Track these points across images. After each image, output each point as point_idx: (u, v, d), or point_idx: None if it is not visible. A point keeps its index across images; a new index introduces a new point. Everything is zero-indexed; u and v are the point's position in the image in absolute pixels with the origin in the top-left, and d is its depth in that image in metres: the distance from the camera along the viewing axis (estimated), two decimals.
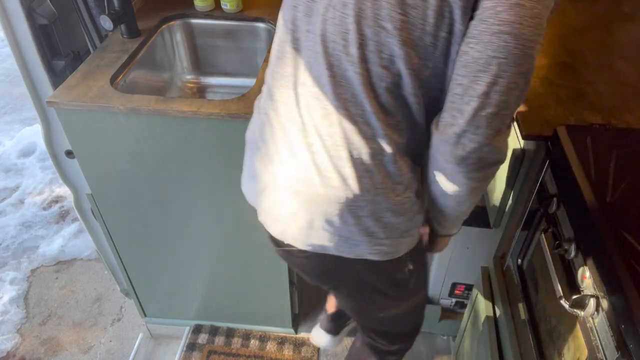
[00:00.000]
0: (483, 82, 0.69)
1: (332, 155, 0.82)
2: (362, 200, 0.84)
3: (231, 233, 1.44)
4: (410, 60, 0.73)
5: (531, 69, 0.72)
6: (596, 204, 0.81)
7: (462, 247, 1.50)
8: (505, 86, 0.70)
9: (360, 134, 0.80)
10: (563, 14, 1.47)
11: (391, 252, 0.92)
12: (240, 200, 1.37)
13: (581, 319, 0.81)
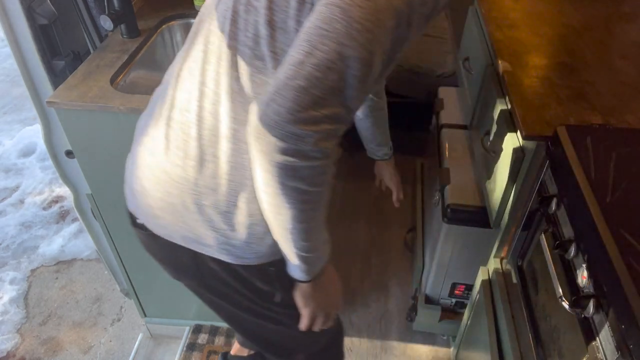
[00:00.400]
0: (302, 50, 0.64)
1: (184, 132, 0.79)
2: (204, 187, 0.79)
3: None
4: (273, 42, 0.72)
5: (355, 59, 0.63)
6: (596, 204, 0.81)
7: (462, 247, 1.50)
8: (322, 61, 0.62)
9: (213, 115, 0.77)
10: (563, 14, 1.47)
11: (245, 258, 0.85)
12: None
13: (581, 319, 0.81)
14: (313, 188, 0.69)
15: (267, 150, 0.65)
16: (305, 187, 0.68)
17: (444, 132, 1.70)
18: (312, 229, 0.75)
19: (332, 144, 0.67)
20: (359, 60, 0.63)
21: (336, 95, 0.64)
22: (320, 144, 0.65)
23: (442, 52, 2.50)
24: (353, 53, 0.62)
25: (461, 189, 1.47)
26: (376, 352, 1.77)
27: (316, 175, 0.68)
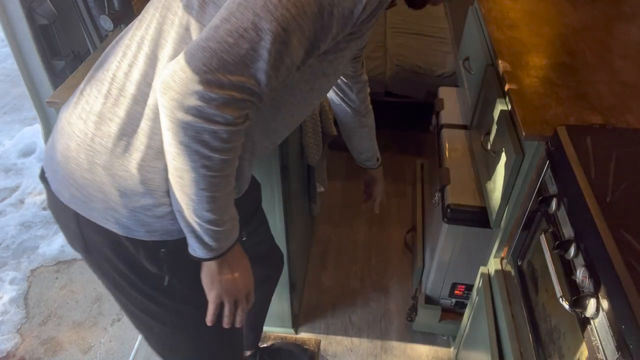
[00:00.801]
0: (220, 16, 0.66)
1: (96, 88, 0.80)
2: (100, 145, 0.78)
3: None
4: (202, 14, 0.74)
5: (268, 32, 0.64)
6: (596, 204, 0.81)
7: (462, 247, 1.50)
8: (235, 28, 0.64)
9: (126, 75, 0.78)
10: (563, 14, 1.47)
11: (132, 229, 0.81)
12: None
13: (581, 319, 0.81)
14: (214, 154, 0.69)
15: (170, 107, 0.66)
16: (206, 151, 0.68)
17: (444, 132, 1.70)
18: (216, 199, 0.74)
19: (237, 112, 0.67)
20: (272, 33, 0.64)
21: (246, 64, 0.65)
22: (223, 108, 0.66)
23: (442, 52, 2.50)
24: (267, 25, 0.64)
25: (461, 189, 1.47)
26: (376, 352, 1.77)
27: (218, 140, 0.68)
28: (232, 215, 0.80)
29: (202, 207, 0.74)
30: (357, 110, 1.29)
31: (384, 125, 2.73)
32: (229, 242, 0.81)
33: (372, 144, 1.39)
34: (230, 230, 0.81)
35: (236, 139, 0.70)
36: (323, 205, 2.28)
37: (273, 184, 1.31)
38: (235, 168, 0.76)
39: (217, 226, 0.77)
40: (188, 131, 0.67)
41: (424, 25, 2.73)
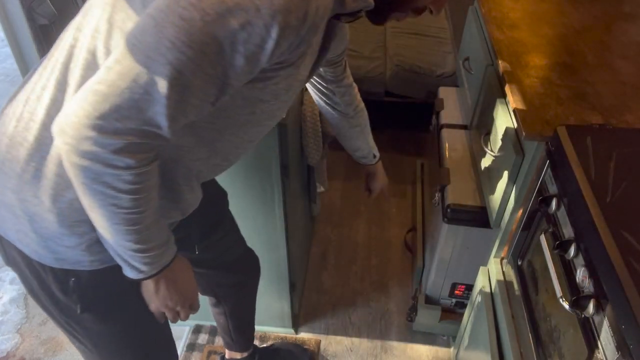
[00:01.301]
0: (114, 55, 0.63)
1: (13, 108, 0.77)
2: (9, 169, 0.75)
3: None
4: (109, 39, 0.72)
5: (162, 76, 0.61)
6: (596, 204, 0.81)
7: (462, 247, 1.50)
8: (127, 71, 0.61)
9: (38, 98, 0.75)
10: (563, 14, 1.47)
11: (41, 255, 0.79)
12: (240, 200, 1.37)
13: (581, 319, 0.81)
14: (122, 194, 0.67)
15: (65, 150, 0.64)
16: (111, 192, 0.66)
17: (444, 132, 1.70)
18: (136, 232, 0.72)
19: (139, 155, 0.65)
20: (167, 78, 0.61)
21: (141, 109, 0.62)
22: (121, 153, 0.63)
23: (442, 52, 2.50)
24: (160, 69, 0.60)
25: (461, 189, 1.47)
26: (376, 352, 1.77)
27: (122, 182, 0.66)
28: (162, 240, 0.78)
29: (122, 238, 0.72)
30: (344, 112, 1.27)
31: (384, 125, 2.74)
32: (161, 263, 0.79)
33: (366, 142, 1.36)
34: (161, 253, 0.78)
35: (144, 179, 0.68)
36: (323, 205, 2.28)
37: (273, 184, 1.31)
38: (155, 201, 0.73)
39: (144, 252, 0.75)
40: (87, 174, 0.65)
41: (424, 25, 2.73)
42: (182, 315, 0.91)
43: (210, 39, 0.60)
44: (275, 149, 1.24)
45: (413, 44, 2.56)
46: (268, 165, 1.27)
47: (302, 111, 1.45)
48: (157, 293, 0.84)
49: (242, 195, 1.34)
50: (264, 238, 1.45)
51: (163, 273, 0.81)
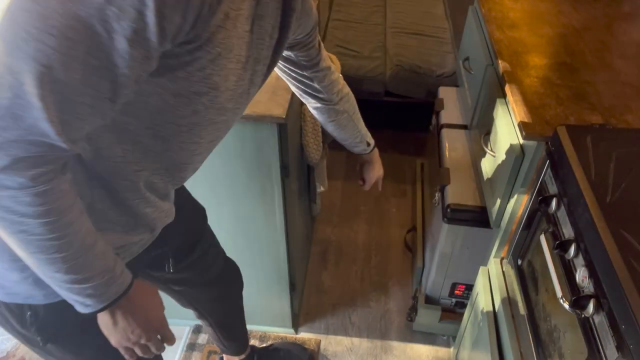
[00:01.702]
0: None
1: None
2: None
3: (231, 233, 1.44)
4: None
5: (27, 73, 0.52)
6: (596, 204, 0.81)
7: (462, 247, 1.50)
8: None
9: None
10: (563, 14, 1.47)
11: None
12: (240, 201, 1.37)
13: (581, 319, 0.81)
14: (27, 219, 0.59)
15: None
16: (14, 217, 0.58)
17: (444, 132, 1.70)
18: (63, 260, 0.64)
19: (32, 171, 0.57)
20: (31, 75, 0.51)
21: (16, 116, 0.53)
22: (8, 171, 0.55)
23: (442, 52, 2.50)
24: (22, 66, 0.51)
25: (461, 189, 1.47)
26: (376, 352, 1.77)
27: (23, 205, 0.58)
28: (104, 268, 0.69)
29: (48, 269, 0.64)
30: (327, 100, 1.12)
31: (384, 125, 2.75)
32: (110, 294, 0.71)
33: (357, 129, 1.24)
34: (106, 283, 0.69)
35: (49, 199, 0.59)
36: (323, 205, 2.28)
37: (273, 184, 1.31)
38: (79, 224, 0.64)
39: (82, 283, 0.67)
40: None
41: (424, 25, 2.73)
42: (153, 348, 0.82)
43: (72, 20, 0.50)
44: (275, 149, 1.24)
45: (413, 44, 2.56)
46: (268, 165, 1.27)
47: (302, 111, 1.45)
48: (115, 326, 0.75)
49: (242, 195, 1.34)
50: (264, 238, 1.45)
51: (118, 304, 0.72)
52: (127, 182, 0.74)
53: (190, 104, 0.69)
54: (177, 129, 0.72)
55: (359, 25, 2.76)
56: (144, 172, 0.75)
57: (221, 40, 0.64)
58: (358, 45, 2.56)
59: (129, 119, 0.68)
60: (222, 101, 0.73)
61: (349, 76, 2.35)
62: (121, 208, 0.76)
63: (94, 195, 0.72)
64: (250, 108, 1.13)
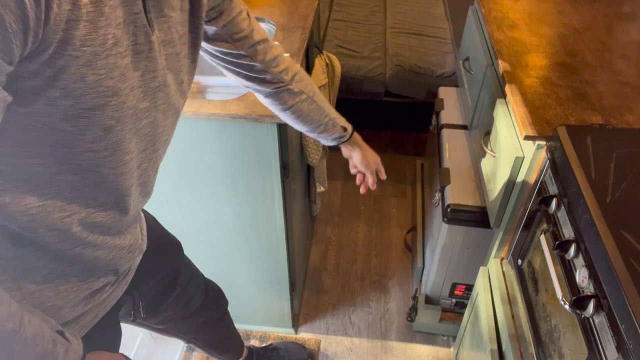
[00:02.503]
0: None
1: None
2: None
3: (231, 233, 1.44)
4: None
5: None
6: (596, 204, 0.81)
7: (462, 247, 1.50)
8: None
9: None
10: (563, 14, 1.47)
11: None
12: (241, 201, 1.37)
13: (581, 319, 0.81)
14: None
15: None
16: None
17: (444, 132, 1.70)
18: None
19: None
20: None
21: None
22: None
23: (442, 52, 2.50)
24: None
25: (461, 189, 1.47)
26: (376, 352, 1.77)
27: None
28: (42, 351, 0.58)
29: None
30: (276, 81, 0.94)
31: (384, 125, 2.75)
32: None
33: (323, 113, 1.05)
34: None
35: None
36: (323, 205, 2.28)
37: (273, 184, 1.31)
38: None
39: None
40: None
41: (424, 25, 2.73)
42: None
43: None
44: (275, 149, 1.24)
45: (413, 44, 2.56)
46: (268, 165, 1.27)
47: None
48: None
49: (242, 195, 1.34)
50: (264, 238, 1.45)
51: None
52: (55, 232, 0.63)
53: (93, 123, 0.57)
54: (97, 155, 0.60)
55: (359, 25, 2.76)
56: (75, 216, 0.64)
57: (87, 37, 0.51)
58: (358, 46, 2.56)
59: (32, 160, 0.56)
60: (133, 105, 0.61)
61: (349, 76, 2.35)
62: (64, 260, 0.67)
63: (25, 256, 0.63)
64: (250, 108, 1.13)
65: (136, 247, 0.79)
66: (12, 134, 0.53)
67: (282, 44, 1.42)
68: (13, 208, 0.58)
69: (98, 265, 0.71)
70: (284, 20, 1.50)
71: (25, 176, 0.57)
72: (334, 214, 2.32)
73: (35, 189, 0.58)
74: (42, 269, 0.65)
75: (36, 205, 0.59)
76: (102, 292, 0.76)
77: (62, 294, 0.68)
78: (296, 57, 1.33)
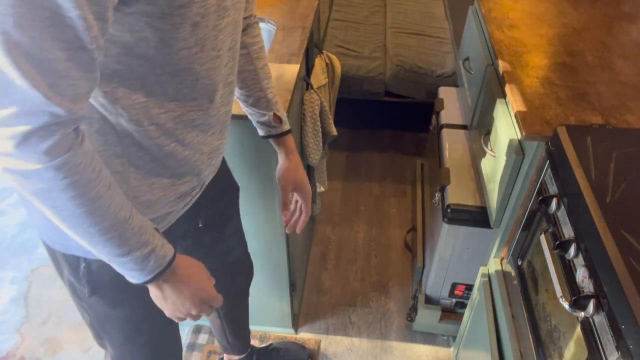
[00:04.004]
0: None
1: None
2: None
3: None
4: None
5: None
6: (596, 204, 0.81)
7: (462, 247, 1.50)
8: None
9: None
10: (563, 14, 1.47)
11: (53, 239, 0.82)
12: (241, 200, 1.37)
13: (581, 319, 0.81)
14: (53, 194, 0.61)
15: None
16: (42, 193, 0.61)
17: (444, 132, 1.70)
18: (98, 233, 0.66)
19: (46, 145, 0.57)
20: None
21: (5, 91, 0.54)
22: (25, 147, 0.56)
23: (442, 52, 2.50)
24: None
25: (461, 189, 1.47)
26: (376, 352, 1.77)
27: (45, 181, 0.59)
28: (139, 243, 0.70)
29: (87, 242, 0.67)
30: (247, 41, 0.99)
31: (384, 126, 2.75)
32: (149, 269, 0.73)
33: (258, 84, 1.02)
34: (144, 258, 0.71)
35: (70, 172, 0.60)
36: (323, 205, 2.28)
37: (273, 184, 1.31)
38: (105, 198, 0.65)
39: (122, 257, 0.69)
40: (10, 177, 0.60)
41: (424, 25, 2.73)
42: (205, 314, 0.86)
43: None
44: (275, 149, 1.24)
45: (413, 44, 2.56)
46: (268, 165, 1.27)
47: (302, 111, 1.45)
48: (165, 300, 0.79)
49: (242, 195, 1.34)
50: (264, 238, 1.45)
51: (163, 278, 0.75)
52: (154, 127, 0.74)
53: (183, 20, 0.67)
54: (189, 52, 0.71)
55: (359, 25, 2.76)
56: (171, 113, 0.75)
57: None
58: (358, 45, 2.56)
59: (138, 61, 0.67)
60: (214, 2, 0.70)
61: (349, 76, 2.35)
62: (159, 163, 0.78)
63: (130, 154, 0.75)
64: None
65: (215, 155, 0.90)
66: (122, 37, 0.64)
67: (282, 43, 1.42)
68: (124, 102, 0.69)
69: (185, 167, 0.82)
70: (284, 20, 1.50)
71: (135, 75, 0.68)
72: (334, 214, 2.32)
73: (143, 86, 0.70)
74: (142, 168, 0.77)
75: (141, 100, 0.71)
76: (184, 198, 0.87)
77: (155, 192, 0.80)
78: (296, 57, 1.33)
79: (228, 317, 1.40)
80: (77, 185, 0.61)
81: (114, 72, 0.67)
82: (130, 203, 0.70)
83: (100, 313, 0.93)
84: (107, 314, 0.93)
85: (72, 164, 0.60)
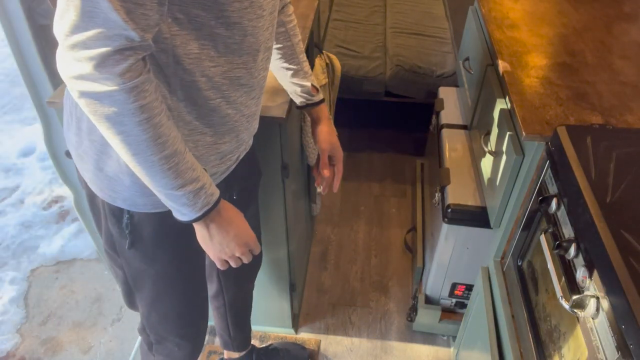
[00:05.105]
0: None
1: None
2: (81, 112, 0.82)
3: None
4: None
5: None
6: (596, 204, 0.81)
7: (462, 247, 1.50)
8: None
9: None
10: (563, 14, 1.47)
11: (102, 190, 0.88)
12: None
13: (581, 319, 0.81)
14: (123, 117, 0.68)
15: (65, 78, 0.67)
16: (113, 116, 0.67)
17: (444, 132, 1.70)
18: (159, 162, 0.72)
19: (120, 67, 0.65)
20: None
21: (90, 14, 0.61)
22: (102, 68, 0.64)
23: (442, 52, 2.50)
24: None
25: (461, 189, 1.47)
26: (376, 352, 1.77)
27: (119, 104, 0.66)
28: (192, 177, 0.77)
29: (147, 172, 0.74)
30: None
31: (384, 125, 2.75)
32: (199, 205, 0.79)
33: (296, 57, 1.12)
34: (196, 193, 0.78)
35: (140, 96, 0.67)
36: (323, 205, 2.28)
37: (273, 184, 1.31)
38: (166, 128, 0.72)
39: (176, 189, 0.75)
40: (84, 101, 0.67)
41: (424, 25, 2.73)
42: (244, 259, 0.91)
43: None
44: (275, 149, 1.24)
45: (413, 44, 2.56)
46: (268, 165, 1.27)
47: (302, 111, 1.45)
48: (211, 240, 0.85)
49: None
50: (264, 238, 1.45)
51: (210, 217, 0.82)
52: (205, 79, 0.79)
53: None
54: (241, 5, 0.77)
55: (359, 25, 2.76)
56: (219, 68, 0.80)
57: None
58: (358, 45, 2.56)
59: (198, 11, 0.73)
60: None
61: (349, 76, 2.35)
62: (204, 120, 0.84)
63: (180, 109, 0.80)
64: None
65: (253, 119, 0.95)
66: None
67: None
68: (180, 50, 0.75)
69: (226, 125, 0.87)
70: None
71: (193, 26, 0.74)
72: (334, 214, 2.32)
73: (198, 38, 0.75)
74: (189, 124, 0.82)
75: (195, 52, 0.76)
76: (225, 161, 0.93)
77: (199, 149, 0.86)
78: None
79: (233, 307, 1.41)
80: (145, 109, 0.68)
81: (176, 19, 0.72)
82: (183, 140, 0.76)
83: (136, 268, 0.98)
84: (142, 269, 0.98)
85: (142, 88, 0.67)
